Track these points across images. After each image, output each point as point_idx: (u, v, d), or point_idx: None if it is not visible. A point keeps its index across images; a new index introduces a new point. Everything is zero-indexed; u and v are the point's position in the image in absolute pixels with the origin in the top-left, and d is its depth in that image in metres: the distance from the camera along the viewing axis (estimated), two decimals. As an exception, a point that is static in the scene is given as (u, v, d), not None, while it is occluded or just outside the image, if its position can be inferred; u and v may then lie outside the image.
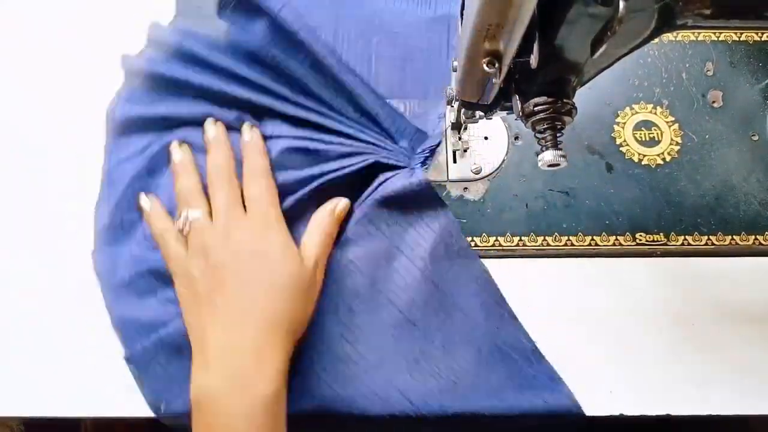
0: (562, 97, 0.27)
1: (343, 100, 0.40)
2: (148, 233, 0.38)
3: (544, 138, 0.28)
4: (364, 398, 0.35)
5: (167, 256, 0.35)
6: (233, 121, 0.39)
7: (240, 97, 0.39)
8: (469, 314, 0.37)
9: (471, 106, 0.33)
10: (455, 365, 0.36)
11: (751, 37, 0.45)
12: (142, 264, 0.37)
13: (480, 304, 0.38)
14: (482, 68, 0.25)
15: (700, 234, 0.40)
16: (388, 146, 0.40)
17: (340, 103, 0.40)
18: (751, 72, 0.44)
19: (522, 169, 0.41)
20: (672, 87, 0.44)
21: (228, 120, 0.39)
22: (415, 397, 0.35)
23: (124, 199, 0.39)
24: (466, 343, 0.37)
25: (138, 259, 0.38)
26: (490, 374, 0.36)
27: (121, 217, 0.39)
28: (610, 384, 0.36)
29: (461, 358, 0.36)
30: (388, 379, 0.36)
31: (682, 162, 0.41)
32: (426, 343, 0.37)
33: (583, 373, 0.36)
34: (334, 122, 0.39)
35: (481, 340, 0.37)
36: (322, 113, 0.40)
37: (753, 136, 0.42)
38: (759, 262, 0.40)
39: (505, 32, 0.23)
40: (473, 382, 0.36)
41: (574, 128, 0.42)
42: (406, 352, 0.36)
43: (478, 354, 0.37)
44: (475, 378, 0.36)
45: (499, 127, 0.43)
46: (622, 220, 0.40)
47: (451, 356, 0.36)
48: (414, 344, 0.37)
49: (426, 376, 0.36)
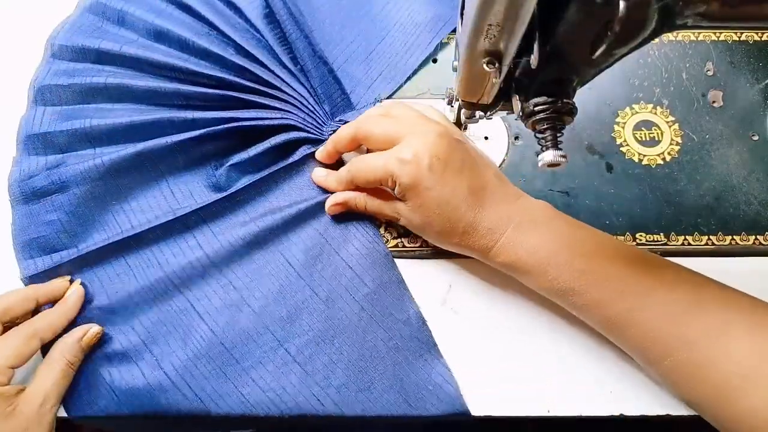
0: (562, 97, 0.27)
1: (283, 50, 0.42)
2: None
3: (544, 138, 0.28)
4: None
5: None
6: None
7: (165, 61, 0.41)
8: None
9: (471, 106, 0.33)
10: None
11: (751, 37, 0.45)
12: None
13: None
14: (482, 68, 0.25)
15: (700, 234, 0.40)
16: (308, 106, 0.41)
17: (280, 52, 0.42)
18: (751, 72, 0.44)
19: (522, 169, 0.41)
20: (672, 87, 0.44)
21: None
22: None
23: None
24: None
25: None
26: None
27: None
28: (610, 384, 0.36)
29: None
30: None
31: (682, 162, 0.41)
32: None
33: (583, 373, 0.36)
34: (264, 70, 0.41)
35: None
36: (253, 58, 0.41)
37: (753, 136, 0.42)
38: (759, 262, 0.39)
39: (505, 32, 0.23)
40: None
41: (574, 128, 0.42)
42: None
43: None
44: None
45: (499, 127, 0.43)
46: (622, 220, 0.40)
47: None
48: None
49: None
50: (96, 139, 0.40)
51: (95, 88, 0.41)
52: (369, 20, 0.46)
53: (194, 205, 0.39)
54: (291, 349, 0.36)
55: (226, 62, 0.41)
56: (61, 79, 0.42)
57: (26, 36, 0.46)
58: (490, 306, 0.38)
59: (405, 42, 0.45)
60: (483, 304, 0.38)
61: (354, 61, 0.45)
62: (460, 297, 0.39)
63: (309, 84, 0.41)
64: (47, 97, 0.42)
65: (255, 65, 0.41)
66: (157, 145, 0.39)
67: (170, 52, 0.42)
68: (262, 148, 0.40)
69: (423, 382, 0.36)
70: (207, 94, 0.40)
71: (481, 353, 0.37)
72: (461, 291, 0.39)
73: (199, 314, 0.37)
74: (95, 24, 0.44)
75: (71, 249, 0.38)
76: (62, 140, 0.40)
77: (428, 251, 0.39)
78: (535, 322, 0.38)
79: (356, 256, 0.39)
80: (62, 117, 0.41)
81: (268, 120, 0.40)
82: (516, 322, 0.38)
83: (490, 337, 0.37)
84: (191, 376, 0.35)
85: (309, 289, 0.38)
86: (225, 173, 0.40)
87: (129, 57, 0.41)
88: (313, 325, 0.37)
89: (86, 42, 0.42)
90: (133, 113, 0.40)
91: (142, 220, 0.39)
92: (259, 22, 0.42)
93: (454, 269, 0.39)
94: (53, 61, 0.44)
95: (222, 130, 0.39)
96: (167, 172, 0.40)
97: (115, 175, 0.39)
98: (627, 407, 0.36)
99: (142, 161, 0.39)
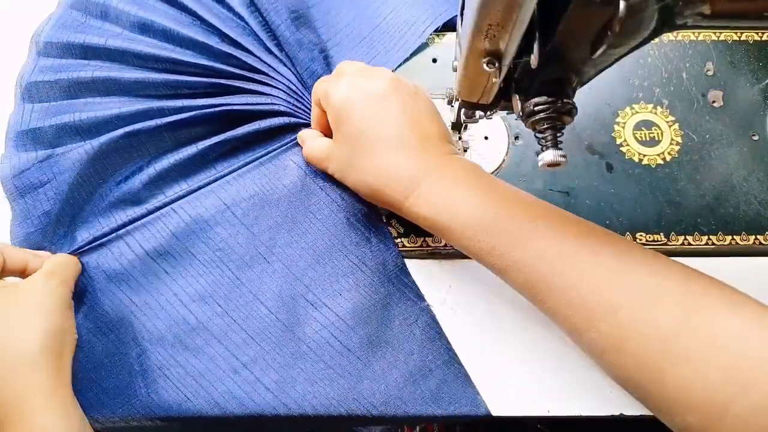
0: (562, 97, 0.27)
1: (268, 36, 0.42)
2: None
3: (544, 138, 0.28)
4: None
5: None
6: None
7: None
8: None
9: (471, 106, 0.33)
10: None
11: (751, 37, 0.45)
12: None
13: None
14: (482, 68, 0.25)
15: (700, 234, 0.40)
16: (296, 91, 0.41)
17: (265, 38, 0.42)
18: (751, 72, 0.44)
19: (522, 169, 0.41)
20: (672, 87, 0.44)
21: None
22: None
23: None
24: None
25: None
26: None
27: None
28: (609, 384, 0.36)
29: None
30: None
31: (682, 162, 0.41)
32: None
33: (583, 373, 0.36)
34: (250, 56, 0.41)
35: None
36: (238, 45, 0.41)
37: (753, 136, 0.42)
38: (759, 262, 0.39)
39: (505, 32, 0.23)
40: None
41: (574, 128, 0.42)
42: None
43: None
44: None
45: (499, 127, 0.43)
46: (622, 220, 0.40)
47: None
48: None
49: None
50: (85, 131, 0.40)
51: (82, 82, 0.41)
52: (365, 5, 0.46)
53: (182, 185, 0.40)
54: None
55: (212, 50, 0.41)
56: (48, 75, 0.42)
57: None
58: (489, 306, 0.38)
59: (399, 29, 0.45)
60: (483, 304, 0.38)
61: (347, 45, 0.45)
62: (460, 297, 0.39)
63: (295, 69, 0.42)
64: (34, 94, 0.42)
65: (241, 52, 0.41)
66: (145, 126, 0.39)
67: (155, 43, 0.42)
68: (249, 129, 0.40)
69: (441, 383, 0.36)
70: (195, 83, 0.41)
71: (481, 353, 0.37)
72: (461, 291, 0.39)
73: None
74: (79, 19, 0.45)
75: (67, 237, 0.39)
76: (51, 135, 0.40)
77: (428, 251, 0.39)
78: (535, 322, 0.38)
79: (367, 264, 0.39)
80: (50, 113, 0.41)
81: (256, 105, 0.40)
82: (516, 322, 0.38)
83: (489, 337, 0.37)
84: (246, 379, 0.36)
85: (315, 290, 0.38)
86: (210, 150, 0.40)
87: (114, 50, 0.42)
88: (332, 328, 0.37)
89: (71, 38, 0.42)
90: (121, 105, 0.41)
91: (129, 198, 0.40)
92: (242, 9, 0.42)
93: (454, 269, 0.39)
94: (39, 58, 0.44)
95: (210, 113, 0.40)
96: (154, 152, 0.41)
97: (103, 156, 0.39)
98: (627, 407, 0.36)
99: (130, 141, 0.40)
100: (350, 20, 0.46)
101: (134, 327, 0.37)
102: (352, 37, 0.45)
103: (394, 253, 0.39)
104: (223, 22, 0.42)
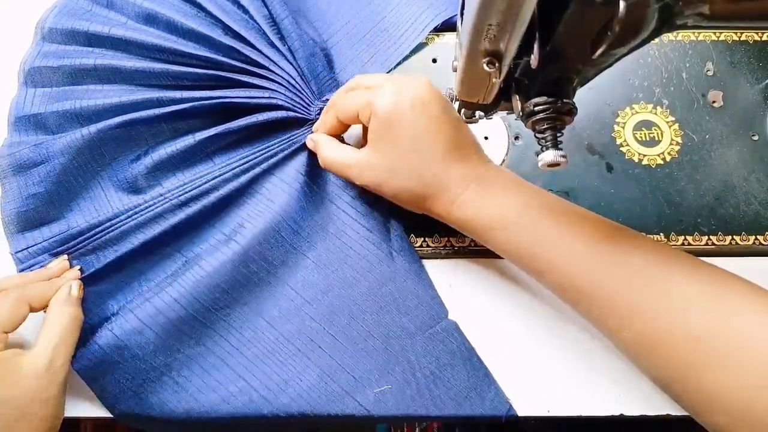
0: (562, 97, 0.27)
1: (272, 30, 0.42)
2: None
3: (544, 138, 0.28)
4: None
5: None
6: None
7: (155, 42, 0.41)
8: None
9: (471, 106, 0.33)
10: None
11: (751, 37, 0.45)
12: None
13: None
14: (482, 68, 0.25)
15: (700, 234, 0.40)
16: (297, 86, 0.41)
17: (269, 32, 0.42)
18: (751, 72, 0.44)
19: (522, 169, 0.41)
20: (672, 87, 0.44)
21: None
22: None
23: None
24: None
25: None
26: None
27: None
28: (609, 384, 0.36)
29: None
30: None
31: (682, 162, 0.41)
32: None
33: (583, 373, 0.36)
34: (252, 50, 0.41)
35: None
36: (241, 38, 0.41)
37: (753, 136, 0.42)
38: (759, 262, 0.39)
39: (505, 32, 0.23)
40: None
41: (574, 128, 0.42)
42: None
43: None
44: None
45: (499, 127, 0.43)
46: (622, 220, 0.40)
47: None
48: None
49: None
50: (85, 119, 0.40)
51: (84, 69, 0.41)
52: (365, 3, 0.46)
53: (180, 177, 0.40)
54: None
55: (214, 42, 0.41)
56: (51, 61, 0.42)
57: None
58: (489, 306, 0.38)
59: (399, 28, 0.45)
60: (483, 304, 0.38)
61: (347, 42, 0.45)
62: (460, 297, 0.39)
63: (297, 63, 0.42)
64: (37, 79, 0.42)
65: (243, 45, 0.41)
66: (143, 115, 0.39)
67: (159, 34, 0.42)
68: (248, 122, 0.40)
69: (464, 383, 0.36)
70: (196, 74, 0.41)
71: (481, 353, 0.37)
72: (461, 291, 0.39)
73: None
74: (85, 7, 0.45)
75: (60, 221, 0.39)
76: (52, 121, 0.40)
77: (428, 251, 0.39)
78: (535, 322, 0.38)
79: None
80: (52, 98, 0.41)
81: (255, 99, 0.40)
82: (516, 323, 0.38)
83: (489, 337, 0.38)
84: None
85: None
86: (207, 142, 0.40)
87: (118, 39, 0.42)
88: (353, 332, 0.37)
89: (76, 25, 0.42)
90: (122, 93, 0.41)
91: (126, 188, 0.40)
92: (246, 2, 0.42)
93: (455, 269, 0.39)
94: (43, 43, 0.44)
95: (209, 105, 0.40)
96: (153, 142, 0.40)
97: (100, 144, 0.39)
98: (627, 407, 0.36)
99: (128, 130, 0.40)
100: (350, 18, 0.46)
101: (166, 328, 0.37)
102: (351, 35, 0.45)
103: (417, 263, 0.39)
104: (227, 14, 0.42)
